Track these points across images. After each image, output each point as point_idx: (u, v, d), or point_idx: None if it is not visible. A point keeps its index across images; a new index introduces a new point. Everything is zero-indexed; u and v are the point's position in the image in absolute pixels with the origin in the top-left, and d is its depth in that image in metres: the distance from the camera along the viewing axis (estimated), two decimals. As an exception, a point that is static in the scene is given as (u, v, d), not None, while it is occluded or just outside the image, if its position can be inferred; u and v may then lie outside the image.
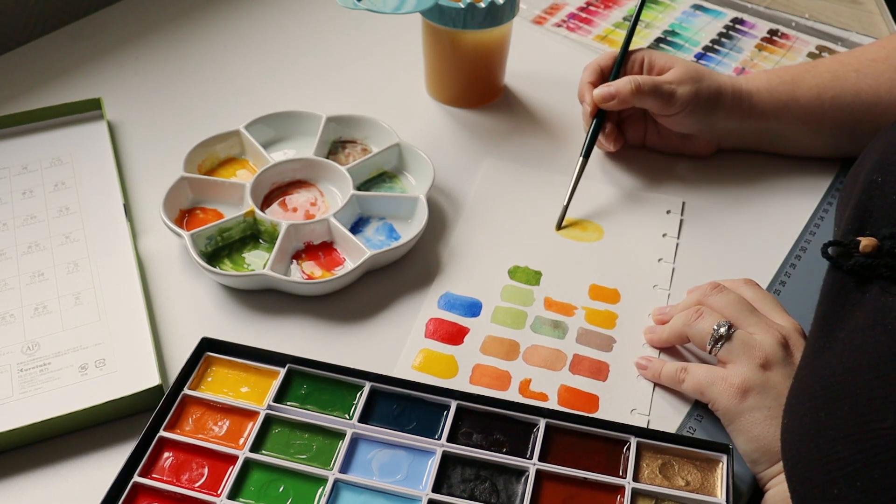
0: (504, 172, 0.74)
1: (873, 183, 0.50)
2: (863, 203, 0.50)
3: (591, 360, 0.59)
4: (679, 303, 0.60)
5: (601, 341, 0.60)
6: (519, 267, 0.65)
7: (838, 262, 0.48)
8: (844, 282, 0.48)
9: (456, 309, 0.62)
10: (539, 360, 0.59)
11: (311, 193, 0.69)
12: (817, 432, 0.41)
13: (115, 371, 0.56)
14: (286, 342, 0.59)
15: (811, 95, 0.69)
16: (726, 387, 0.52)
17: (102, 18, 0.90)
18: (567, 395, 0.57)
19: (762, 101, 0.70)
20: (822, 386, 0.42)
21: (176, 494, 0.50)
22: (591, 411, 0.56)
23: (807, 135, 0.72)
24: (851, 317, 0.46)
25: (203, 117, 0.78)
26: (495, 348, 0.60)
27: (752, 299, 0.57)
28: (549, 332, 0.61)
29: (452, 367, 0.58)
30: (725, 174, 0.74)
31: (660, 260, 0.66)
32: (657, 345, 0.59)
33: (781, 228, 0.69)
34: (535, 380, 0.58)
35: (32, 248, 0.65)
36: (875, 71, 0.69)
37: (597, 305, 0.63)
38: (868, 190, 0.50)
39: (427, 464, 0.52)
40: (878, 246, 0.47)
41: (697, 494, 0.51)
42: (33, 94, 0.80)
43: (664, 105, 0.68)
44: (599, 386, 0.58)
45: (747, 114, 0.70)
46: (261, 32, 0.90)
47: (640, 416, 0.56)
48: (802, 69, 0.71)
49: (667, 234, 0.68)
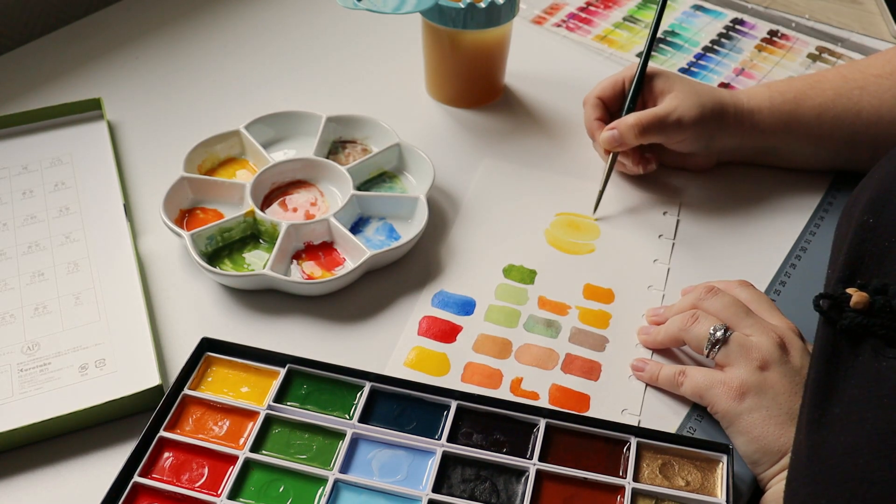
0: (502, 172, 0.74)
1: (865, 225, 0.49)
2: (854, 248, 0.49)
3: (583, 359, 0.59)
4: (673, 304, 0.60)
5: (594, 341, 0.60)
6: (514, 266, 0.65)
7: (830, 319, 0.47)
8: (837, 339, 0.46)
9: (450, 307, 0.62)
10: (531, 358, 0.59)
11: (311, 193, 0.69)
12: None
13: (115, 371, 0.56)
14: (286, 342, 0.59)
15: (813, 115, 0.68)
16: (724, 389, 0.53)
17: (102, 18, 0.90)
18: (558, 394, 0.57)
19: (763, 120, 0.69)
20: (822, 468, 0.41)
21: (176, 494, 0.50)
22: (581, 411, 0.56)
23: (806, 151, 0.71)
24: (846, 385, 0.44)
25: (203, 117, 0.78)
26: (488, 347, 0.60)
27: (746, 300, 0.57)
28: (543, 331, 0.61)
29: (444, 365, 0.58)
30: (723, 177, 0.73)
31: (655, 261, 0.66)
32: (651, 346, 0.59)
33: (779, 230, 0.69)
34: (526, 378, 0.58)
35: (32, 248, 0.65)
36: (879, 88, 0.68)
37: (590, 305, 0.63)
38: (860, 233, 0.49)
39: (427, 464, 0.52)
40: (871, 302, 0.45)
41: (697, 494, 0.51)
42: (33, 94, 0.80)
43: (670, 137, 0.68)
44: (591, 385, 0.58)
45: (749, 133, 0.69)
46: (261, 32, 0.90)
47: (630, 416, 0.56)
48: (806, 85, 0.69)
49: (662, 235, 0.68)
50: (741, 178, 0.73)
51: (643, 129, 0.66)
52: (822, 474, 0.41)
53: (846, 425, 0.42)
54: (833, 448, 0.41)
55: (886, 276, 0.46)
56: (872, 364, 0.43)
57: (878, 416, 0.40)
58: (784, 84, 0.71)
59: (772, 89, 0.70)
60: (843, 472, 0.40)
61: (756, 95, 0.70)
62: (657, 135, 0.67)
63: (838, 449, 0.41)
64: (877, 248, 0.47)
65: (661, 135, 0.67)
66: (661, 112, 0.66)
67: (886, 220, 0.48)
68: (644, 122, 0.66)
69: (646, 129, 0.66)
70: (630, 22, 0.94)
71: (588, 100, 0.71)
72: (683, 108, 0.66)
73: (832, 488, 0.40)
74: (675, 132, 0.67)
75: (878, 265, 0.47)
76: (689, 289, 0.61)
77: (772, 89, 0.70)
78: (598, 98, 0.70)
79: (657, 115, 0.66)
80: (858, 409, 0.42)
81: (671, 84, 0.68)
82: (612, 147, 0.68)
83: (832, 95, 0.68)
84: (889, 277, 0.46)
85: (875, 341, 0.44)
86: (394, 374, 0.57)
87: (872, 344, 0.44)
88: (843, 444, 0.41)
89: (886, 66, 0.69)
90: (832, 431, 0.43)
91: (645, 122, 0.66)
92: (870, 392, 0.42)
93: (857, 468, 0.39)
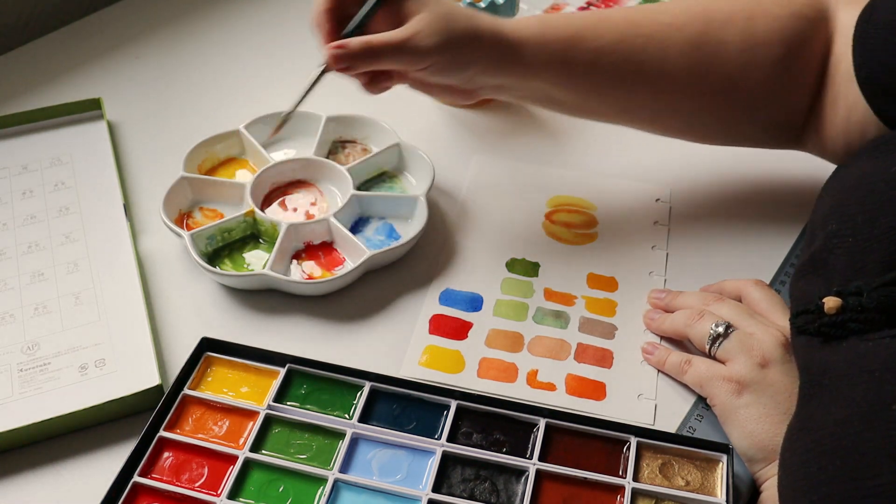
0: (493, 167, 0.74)
1: (830, 233, 0.48)
2: (823, 257, 0.48)
3: (595, 348, 0.60)
4: (680, 292, 0.61)
5: (603, 329, 0.61)
6: (517, 259, 0.66)
7: (805, 330, 0.47)
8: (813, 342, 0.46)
9: (457, 304, 0.62)
10: (544, 350, 0.59)
11: (311, 193, 0.69)
12: (810, 489, 0.40)
13: (115, 371, 0.56)
14: (286, 342, 0.59)
15: (587, 59, 0.59)
16: (724, 383, 0.53)
17: (102, 18, 0.90)
18: (574, 383, 0.57)
19: (527, 55, 0.59)
20: (812, 440, 0.42)
21: (176, 494, 0.50)
22: (598, 398, 0.57)
23: (579, 100, 0.63)
24: (835, 360, 0.44)
25: (203, 117, 0.78)
26: (500, 341, 0.60)
27: (759, 299, 0.57)
28: (552, 323, 0.61)
29: (459, 362, 0.58)
30: (707, 159, 0.74)
31: (653, 247, 0.67)
32: (656, 332, 0.60)
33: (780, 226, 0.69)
34: (541, 370, 0.58)
35: (32, 248, 0.65)
36: (666, 40, 0.60)
37: (596, 294, 0.63)
38: (826, 241, 0.48)
39: (427, 464, 0.52)
40: (843, 305, 0.45)
41: (697, 494, 0.51)
42: (33, 94, 0.80)
43: (408, 65, 0.58)
44: (605, 373, 0.58)
45: (508, 70, 0.59)
46: (261, 32, 0.90)
47: (647, 400, 0.56)
48: (585, 25, 0.60)
49: (657, 221, 0.69)
50: (737, 167, 0.73)
51: (373, 53, 0.56)
52: (812, 444, 0.41)
53: (836, 399, 0.42)
54: (823, 420, 0.42)
55: (859, 274, 0.46)
56: (858, 345, 0.44)
57: (868, 388, 0.40)
58: (562, 19, 0.61)
59: (546, 24, 0.60)
60: (834, 443, 0.40)
61: (525, 28, 0.59)
62: (392, 62, 0.57)
63: (828, 421, 0.41)
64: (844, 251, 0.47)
65: (397, 62, 0.57)
66: (397, 37, 0.56)
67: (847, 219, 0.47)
68: (375, 46, 0.55)
69: (377, 54, 0.56)
70: None
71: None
72: (425, 33, 0.56)
73: (823, 458, 0.40)
74: (414, 60, 0.57)
75: (850, 266, 0.47)
76: (708, 287, 0.61)
77: (546, 24, 0.60)
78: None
79: (390, 41, 0.56)
80: (848, 382, 0.42)
81: (421, 5, 0.57)
82: (336, 67, 0.57)
83: (612, 40, 0.59)
84: (862, 276, 0.46)
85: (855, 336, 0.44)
86: (410, 375, 0.57)
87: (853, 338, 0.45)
88: (834, 415, 0.41)
89: (680, 15, 0.61)
90: (821, 404, 0.43)
91: (376, 46, 0.56)
92: (859, 367, 0.42)
93: (847, 439, 0.39)
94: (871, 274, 0.45)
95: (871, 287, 0.44)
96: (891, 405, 0.38)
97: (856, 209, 0.47)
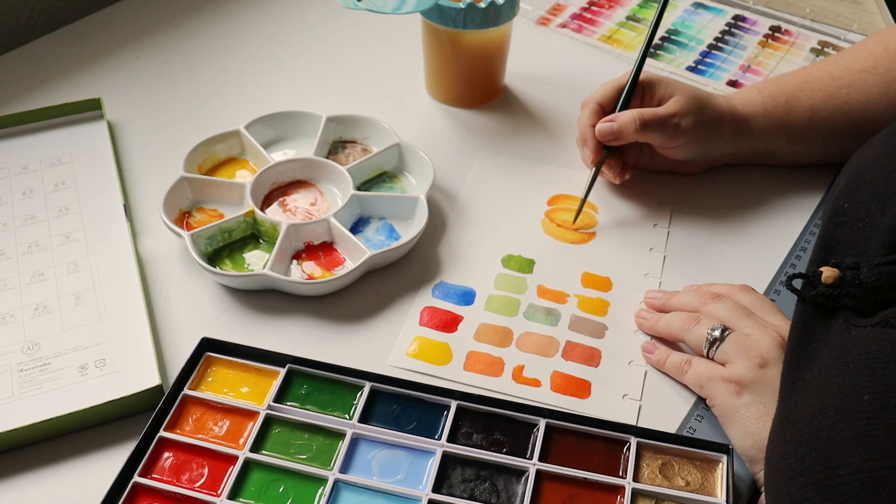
0: (497, 165, 0.74)
1: (840, 209, 0.50)
2: (829, 230, 0.50)
3: (583, 346, 0.60)
4: (674, 292, 0.61)
5: (593, 328, 0.61)
6: (513, 255, 0.66)
7: (801, 294, 0.49)
8: (810, 313, 0.48)
9: (450, 297, 0.63)
10: (532, 346, 0.60)
11: (311, 193, 0.69)
12: (789, 479, 0.41)
13: (115, 371, 0.56)
14: (286, 342, 0.59)
15: (805, 117, 0.69)
16: (723, 383, 0.53)
17: (102, 18, 0.90)
18: (560, 380, 0.57)
19: (757, 126, 0.69)
20: (792, 430, 0.43)
21: (176, 494, 0.50)
22: (583, 397, 0.57)
23: (797, 151, 0.71)
24: (818, 354, 0.46)
25: (203, 117, 0.78)
26: (489, 335, 0.60)
27: (748, 304, 0.58)
28: (542, 320, 0.61)
29: (446, 354, 0.59)
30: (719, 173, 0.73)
31: (651, 249, 0.67)
32: (648, 332, 0.60)
33: (779, 230, 0.69)
34: (528, 366, 0.58)
35: (32, 248, 0.65)
36: (864, 84, 0.68)
37: (589, 293, 0.63)
38: (835, 216, 0.50)
39: (427, 464, 0.52)
40: (840, 277, 0.47)
41: (697, 494, 0.51)
42: (33, 94, 0.80)
43: (668, 139, 0.67)
44: (592, 372, 0.58)
45: (744, 140, 0.70)
46: (261, 32, 0.90)
47: (631, 401, 0.56)
48: (795, 87, 0.70)
49: (657, 224, 0.69)
50: (738, 177, 0.73)
51: (644, 123, 0.65)
52: (792, 435, 0.42)
53: (815, 391, 0.43)
54: (802, 412, 0.43)
55: (860, 255, 0.48)
56: (843, 334, 0.45)
57: (843, 381, 0.42)
58: (774, 87, 0.71)
59: (763, 94, 0.70)
60: (811, 433, 0.41)
61: (749, 101, 0.70)
62: (656, 133, 0.66)
63: (807, 412, 0.42)
64: (851, 230, 0.49)
65: (659, 134, 0.66)
66: (664, 112, 0.66)
67: (859, 203, 0.50)
68: (646, 118, 0.65)
69: (646, 125, 0.65)
70: (633, 21, 0.94)
71: (587, 103, 0.70)
72: (683, 113, 0.66)
73: (800, 448, 0.41)
74: (673, 135, 0.66)
75: (852, 245, 0.49)
76: (692, 287, 0.61)
77: (763, 94, 0.70)
78: (599, 104, 0.69)
79: (658, 114, 0.66)
80: (827, 374, 0.43)
81: (673, 89, 0.68)
82: (606, 139, 0.66)
83: (822, 96, 0.69)
84: (862, 257, 0.48)
85: (846, 313, 0.47)
86: (397, 364, 0.57)
87: (844, 316, 0.47)
88: (812, 407, 0.42)
89: (868, 59, 0.69)
90: (802, 396, 0.44)
91: (647, 117, 0.65)
92: (838, 359, 0.43)
93: (822, 429, 0.40)
94: (871, 256, 0.47)
95: (870, 264, 0.46)
96: (863, 395, 0.40)
97: (869, 195, 0.50)
